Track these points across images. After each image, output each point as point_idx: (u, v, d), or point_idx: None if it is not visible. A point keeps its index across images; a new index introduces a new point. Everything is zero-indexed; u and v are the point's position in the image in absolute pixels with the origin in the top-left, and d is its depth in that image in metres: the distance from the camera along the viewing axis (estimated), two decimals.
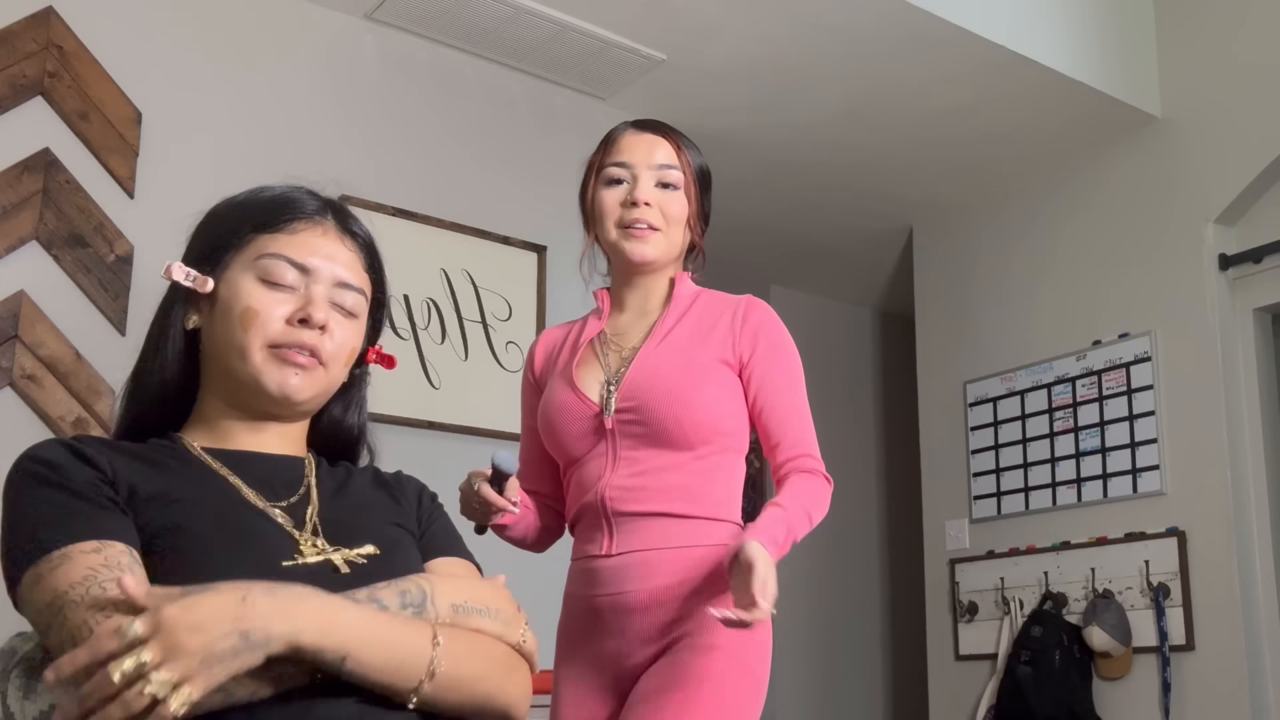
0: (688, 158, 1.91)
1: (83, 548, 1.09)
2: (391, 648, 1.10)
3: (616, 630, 1.77)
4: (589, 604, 1.80)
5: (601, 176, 1.91)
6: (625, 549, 1.78)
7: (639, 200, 1.86)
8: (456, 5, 3.19)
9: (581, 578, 1.83)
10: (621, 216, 1.87)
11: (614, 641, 1.78)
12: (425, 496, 1.40)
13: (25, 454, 1.18)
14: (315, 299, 1.27)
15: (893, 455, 5.36)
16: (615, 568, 1.78)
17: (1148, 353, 3.78)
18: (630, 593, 1.76)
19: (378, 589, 1.14)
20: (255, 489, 1.24)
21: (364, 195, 3.11)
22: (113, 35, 2.85)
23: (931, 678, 4.30)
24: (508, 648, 1.23)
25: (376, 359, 1.40)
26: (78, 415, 2.64)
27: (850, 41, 3.41)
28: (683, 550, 1.77)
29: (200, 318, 1.29)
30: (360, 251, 1.36)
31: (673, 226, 1.88)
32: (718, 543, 1.77)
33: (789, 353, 1.88)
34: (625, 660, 1.77)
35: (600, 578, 1.79)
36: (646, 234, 1.86)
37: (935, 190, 4.39)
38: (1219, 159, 3.68)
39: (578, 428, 1.83)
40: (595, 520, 1.81)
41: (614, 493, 1.79)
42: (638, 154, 1.89)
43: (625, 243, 1.87)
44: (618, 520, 1.79)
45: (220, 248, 1.29)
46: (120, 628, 0.98)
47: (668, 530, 1.78)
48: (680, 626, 1.74)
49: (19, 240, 2.65)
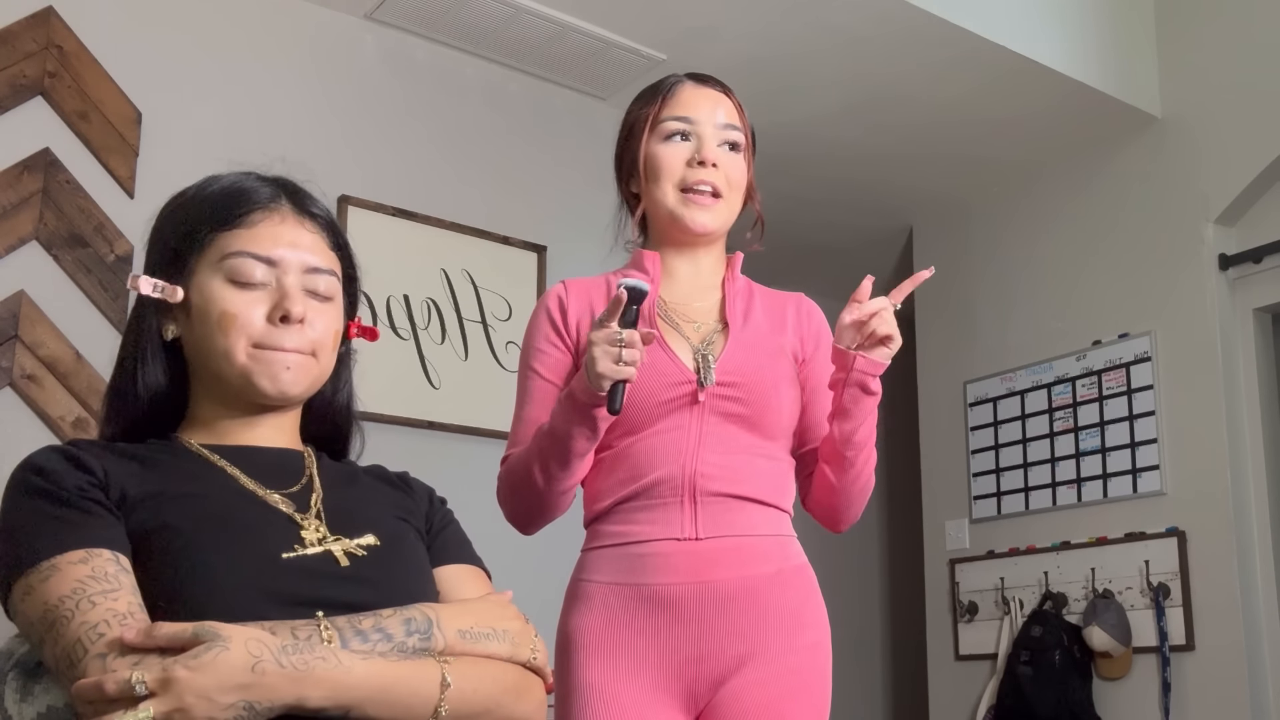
0: (746, 119, 1.77)
1: (70, 558, 1.09)
2: (397, 701, 1.10)
3: (697, 626, 1.58)
4: (651, 594, 1.58)
5: (659, 130, 1.71)
6: (717, 533, 1.60)
7: (708, 160, 1.69)
8: (456, 5, 3.19)
9: (638, 564, 1.60)
10: (685, 177, 1.69)
11: (692, 639, 1.58)
12: (436, 499, 1.40)
13: (22, 463, 1.18)
14: (289, 291, 1.25)
15: (893, 455, 5.35)
16: (703, 553, 1.59)
17: (1148, 353, 3.78)
18: (723, 581, 1.59)
19: (383, 618, 1.13)
20: (256, 479, 1.24)
21: (364, 195, 3.11)
22: (113, 35, 2.85)
23: (931, 678, 4.30)
24: (519, 670, 1.23)
25: (359, 333, 1.39)
26: (78, 415, 2.64)
27: (850, 41, 3.41)
28: (776, 539, 1.65)
29: (177, 326, 1.28)
30: (323, 231, 1.32)
31: (734, 193, 1.73)
32: (792, 534, 1.69)
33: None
34: (706, 660, 1.58)
35: (679, 564, 1.59)
36: (709, 201, 1.70)
37: (935, 190, 4.39)
38: (1219, 159, 3.68)
39: (667, 393, 1.62)
40: (671, 498, 1.61)
41: (707, 469, 1.61)
42: (702, 109, 1.72)
43: (685, 210, 1.69)
44: (705, 501, 1.60)
45: (182, 252, 1.26)
46: (128, 681, 0.98)
47: (763, 517, 1.64)
48: (778, 624, 1.60)
49: (19, 240, 2.65)
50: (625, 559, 1.61)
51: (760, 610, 1.60)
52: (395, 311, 3.15)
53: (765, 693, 1.57)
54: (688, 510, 1.60)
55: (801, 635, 1.62)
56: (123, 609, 1.06)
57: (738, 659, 1.58)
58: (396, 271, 3.16)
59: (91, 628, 1.04)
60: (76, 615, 1.05)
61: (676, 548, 1.59)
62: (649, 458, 1.62)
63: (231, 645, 1.01)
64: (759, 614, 1.60)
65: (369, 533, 1.25)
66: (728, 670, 1.58)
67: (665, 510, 1.61)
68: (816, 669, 1.63)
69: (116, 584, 1.09)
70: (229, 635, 1.02)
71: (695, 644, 1.58)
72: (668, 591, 1.58)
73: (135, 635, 1.02)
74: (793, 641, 1.61)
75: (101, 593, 1.06)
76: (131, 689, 0.98)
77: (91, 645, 1.03)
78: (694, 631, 1.58)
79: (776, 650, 1.60)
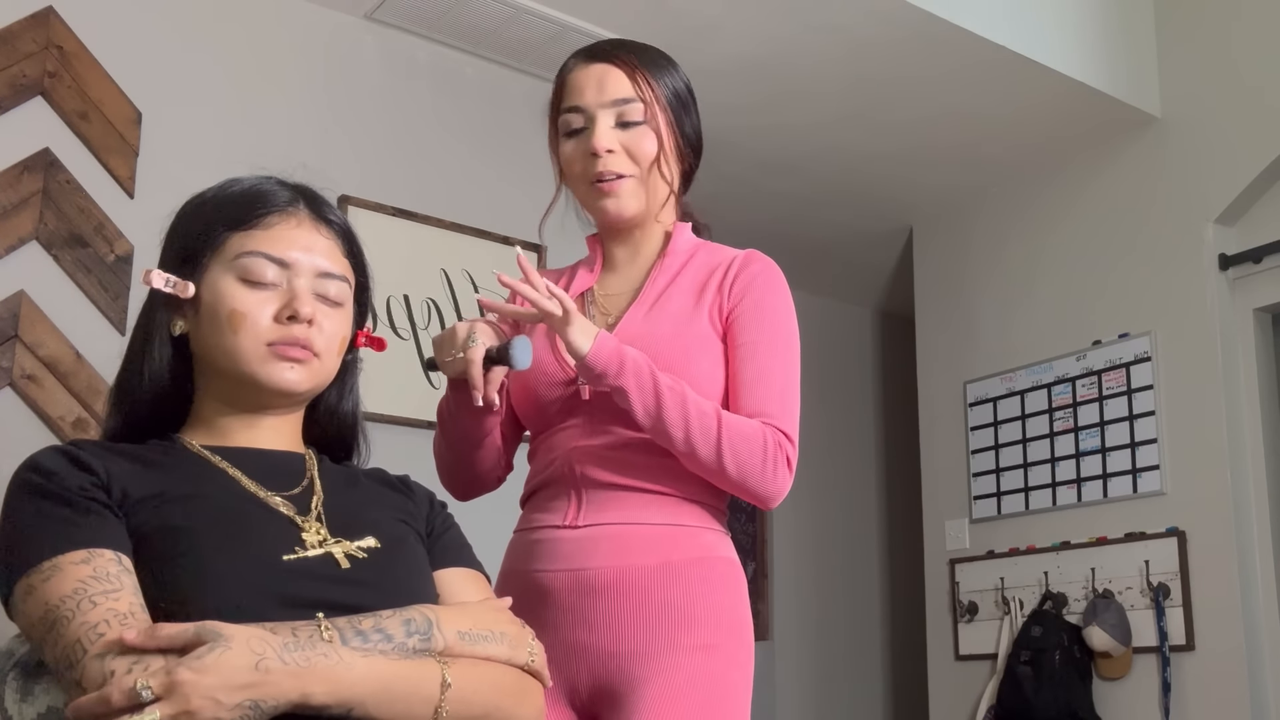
0: (650, 82, 1.63)
1: (72, 559, 1.09)
2: (397, 699, 1.10)
3: (572, 615, 1.51)
4: (534, 580, 1.55)
5: (560, 126, 1.67)
6: (594, 520, 1.54)
7: (597, 149, 1.60)
8: (456, 5, 3.19)
9: (528, 550, 1.58)
10: (587, 170, 1.62)
11: (568, 628, 1.51)
12: (436, 503, 1.41)
13: (23, 463, 1.19)
14: (299, 293, 1.26)
15: (893, 455, 5.36)
16: (580, 540, 1.53)
17: (1148, 353, 3.78)
18: (595, 570, 1.51)
19: (383, 619, 1.14)
20: (257, 481, 1.25)
21: (364, 195, 3.11)
22: (113, 35, 2.85)
23: (931, 678, 4.31)
24: (517, 672, 1.24)
25: (366, 342, 1.40)
26: (78, 415, 2.64)
27: (850, 41, 3.41)
28: (667, 529, 1.53)
29: (185, 323, 1.29)
30: (338, 238, 1.34)
31: (644, 169, 1.62)
32: (703, 525, 1.56)
33: (776, 315, 1.61)
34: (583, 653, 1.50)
35: (557, 550, 1.54)
36: (616, 185, 1.61)
37: (935, 190, 4.39)
38: (1219, 159, 3.68)
39: (553, 394, 1.60)
40: (560, 489, 1.58)
41: (586, 459, 1.55)
42: (588, 92, 1.63)
43: (598, 202, 1.63)
44: (588, 490, 1.55)
45: (196, 250, 1.28)
46: (133, 688, 0.98)
47: (656, 507, 1.54)
48: (659, 621, 1.49)
49: (19, 240, 2.65)
50: (521, 546, 1.61)
51: (638, 605, 1.50)
52: (395, 311, 3.15)
53: (643, 691, 1.45)
54: (572, 500, 1.56)
55: (688, 634, 1.49)
56: (124, 609, 1.07)
57: (614, 655, 1.49)
58: (396, 271, 3.16)
59: (92, 628, 1.04)
60: (77, 615, 1.05)
61: (556, 534, 1.56)
62: (545, 455, 1.62)
63: (233, 645, 1.01)
64: (635, 608, 1.50)
65: (369, 535, 1.25)
66: (605, 666, 1.49)
67: (555, 500, 1.58)
68: (707, 673, 1.48)
69: (118, 584, 1.09)
70: (230, 635, 1.02)
71: (571, 633, 1.51)
72: (545, 579, 1.54)
73: (137, 636, 1.02)
74: (676, 640, 1.49)
75: (103, 593, 1.07)
76: (138, 695, 0.98)
77: (91, 645, 1.03)
78: (569, 620, 1.52)
79: (656, 649, 1.48)
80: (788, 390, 1.58)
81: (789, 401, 1.58)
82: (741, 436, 1.51)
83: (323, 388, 1.33)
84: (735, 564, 1.60)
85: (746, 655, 1.54)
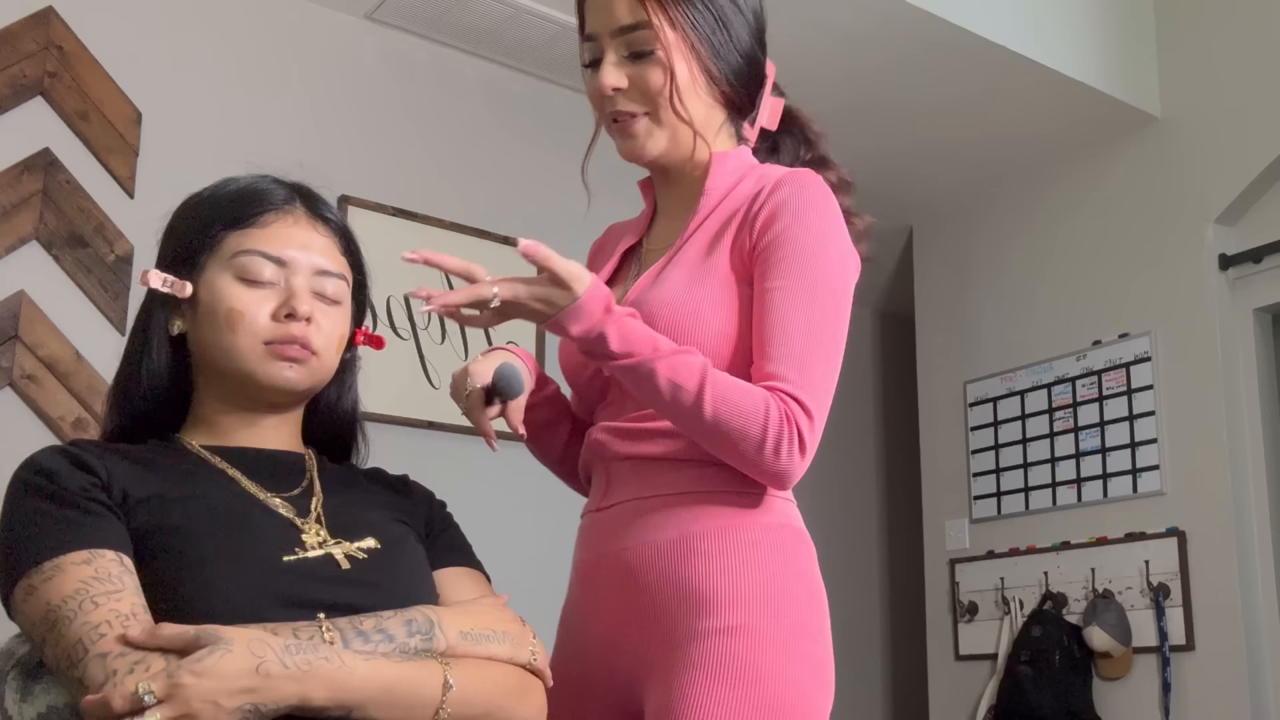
0: (663, 2, 1.38)
1: (74, 559, 1.09)
2: (399, 701, 1.10)
3: (609, 602, 1.36)
4: (576, 569, 1.45)
5: (582, 56, 1.47)
6: (621, 498, 1.38)
7: (605, 89, 1.40)
8: (456, 5, 3.19)
9: (578, 538, 1.47)
10: (602, 109, 1.44)
11: (606, 623, 1.36)
12: (436, 502, 1.41)
13: (23, 463, 1.19)
14: (297, 291, 1.26)
15: (893, 455, 5.35)
16: (609, 520, 1.39)
17: (1148, 353, 3.78)
18: (626, 550, 1.35)
19: (384, 619, 1.14)
20: (257, 482, 1.25)
21: (364, 195, 3.11)
22: (113, 35, 2.85)
23: (931, 678, 4.30)
24: (520, 671, 1.23)
25: (365, 340, 1.40)
26: (78, 415, 2.64)
27: (850, 41, 3.40)
28: (680, 497, 1.33)
29: (184, 322, 1.29)
30: (335, 236, 1.34)
31: (656, 105, 1.40)
32: (732, 489, 1.33)
33: (802, 253, 1.33)
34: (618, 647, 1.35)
35: (590, 534, 1.43)
36: (630, 125, 1.41)
37: (935, 190, 4.39)
38: (1219, 159, 3.68)
39: (581, 378, 1.46)
40: (597, 471, 1.45)
41: (611, 434, 1.40)
42: (597, 19, 1.42)
43: (618, 142, 1.45)
44: (614, 466, 1.40)
45: (193, 249, 1.28)
46: (135, 692, 0.99)
47: (675, 474, 1.34)
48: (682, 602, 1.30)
49: (19, 240, 2.65)
50: (578, 535, 1.48)
51: (659, 584, 1.31)
52: (395, 311, 3.15)
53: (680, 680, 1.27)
54: (603, 477, 1.42)
55: (709, 618, 1.28)
56: (125, 609, 1.07)
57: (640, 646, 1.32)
58: (396, 271, 3.14)
59: (94, 628, 1.04)
60: (79, 615, 1.05)
61: (591, 518, 1.43)
62: (589, 435, 1.47)
63: (234, 648, 1.01)
64: (658, 588, 1.31)
65: (369, 536, 1.25)
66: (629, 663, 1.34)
67: (596, 482, 1.45)
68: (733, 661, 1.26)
69: (120, 584, 1.09)
70: (231, 638, 1.02)
71: (609, 628, 1.36)
72: (585, 569, 1.42)
73: (139, 634, 1.03)
74: (697, 625, 1.29)
75: (105, 593, 1.07)
76: (139, 698, 0.98)
77: (92, 645, 1.04)
78: (607, 609, 1.36)
79: (681, 636, 1.29)
80: (810, 348, 1.32)
81: (811, 362, 1.31)
82: (731, 405, 1.27)
83: (321, 386, 1.33)
84: (779, 529, 1.38)
85: (792, 633, 1.32)
